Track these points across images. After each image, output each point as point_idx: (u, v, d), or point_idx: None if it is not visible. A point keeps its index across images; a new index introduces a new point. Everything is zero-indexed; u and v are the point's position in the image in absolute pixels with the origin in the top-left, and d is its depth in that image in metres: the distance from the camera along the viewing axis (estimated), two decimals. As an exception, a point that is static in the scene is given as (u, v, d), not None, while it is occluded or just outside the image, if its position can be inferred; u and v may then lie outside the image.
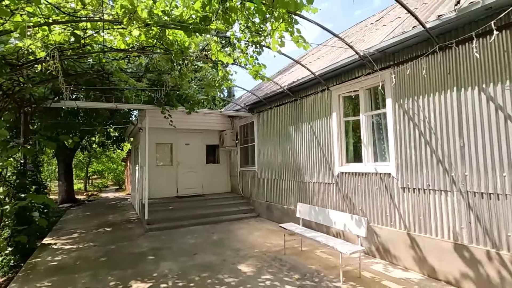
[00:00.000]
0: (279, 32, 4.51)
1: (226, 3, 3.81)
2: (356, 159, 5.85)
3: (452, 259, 4.00)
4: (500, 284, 3.50)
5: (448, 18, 3.82)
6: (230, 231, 7.28)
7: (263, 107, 8.93)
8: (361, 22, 9.36)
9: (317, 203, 6.52)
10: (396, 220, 4.82)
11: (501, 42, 3.59)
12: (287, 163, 7.71)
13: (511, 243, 3.46)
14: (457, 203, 4.00)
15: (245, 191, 10.12)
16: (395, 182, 4.85)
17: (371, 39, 5.79)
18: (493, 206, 3.64)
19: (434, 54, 4.29)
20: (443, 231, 4.16)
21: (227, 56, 5.45)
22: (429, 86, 4.37)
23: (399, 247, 4.73)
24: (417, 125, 4.53)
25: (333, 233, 5.94)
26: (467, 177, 3.90)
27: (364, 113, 5.56)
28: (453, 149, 4.06)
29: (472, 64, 3.87)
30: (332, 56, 6.89)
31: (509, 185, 3.49)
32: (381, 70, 5.06)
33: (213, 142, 11.06)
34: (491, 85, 3.67)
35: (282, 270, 4.67)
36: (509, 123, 3.51)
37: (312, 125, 6.82)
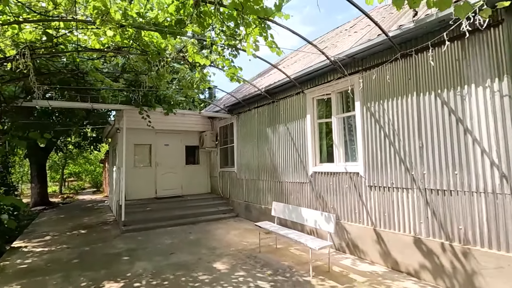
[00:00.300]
0: (254, 36, 4.67)
1: (200, 7, 3.93)
2: (329, 159, 6.11)
3: (412, 252, 4.30)
4: (452, 273, 3.82)
5: (407, 28, 4.13)
6: (208, 231, 7.35)
7: (242, 109, 9.08)
8: (337, 28, 9.73)
9: (293, 202, 6.73)
10: (364, 217, 5.10)
11: (453, 51, 3.93)
12: (265, 163, 7.88)
13: (462, 235, 3.79)
14: (416, 200, 4.31)
15: (224, 192, 10.20)
16: (363, 181, 5.12)
17: (343, 45, 6.08)
18: (446, 202, 3.96)
19: (397, 61, 4.60)
20: (404, 226, 4.45)
21: (204, 58, 5.55)
22: (393, 90, 4.68)
23: (366, 242, 5.00)
24: (382, 127, 4.83)
25: (307, 231, 6.16)
26: (425, 175, 4.21)
27: (335, 115, 5.83)
28: (413, 150, 4.37)
29: (429, 71, 4.20)
30: (307, 60, 7.15)
31: (460, 182, 3.81)
32: (351, 75, 5.34)
33: (193, 143, 11.07)
34: (445, 91, 4.01)
35: (255, 266, 4.81)
36: (460, 126, 3.84)
37: (288, 126, 7.03)
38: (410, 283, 4.06)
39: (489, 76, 3.57)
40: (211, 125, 11.03)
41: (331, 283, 4.11)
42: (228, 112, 9.75)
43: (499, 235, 3.45)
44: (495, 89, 3.52)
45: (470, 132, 3.74)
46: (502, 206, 3.43)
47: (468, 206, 3.74)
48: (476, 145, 3.67)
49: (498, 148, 3.48)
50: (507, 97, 3.42)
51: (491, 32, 3.58)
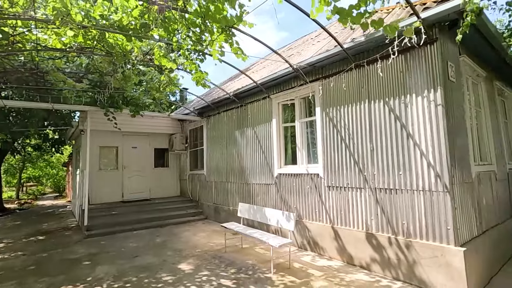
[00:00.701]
0: (219, 42, 4.84)
1: (165, 12, 4.03)
2: (293, 162, 6.41)
3: (364, 247, 4.67)
4: (397, 264, 4.21)
5: (359, 41, 4.53)
6: (175, 234, 7.34)
7: (212, 112, 9.18)
8: (305, 36, 10.18)
9: (260, 203, 6.94)
10: (323, 215, 5.42)
11: (398, 64, 4.37)
12: (233, 166, 8.04)
13: (405, 229, 4.20)
14: (368, 198, 4.70)
15: (194, 195, 10.20)
16: (322, 181, 5.46)
17: (306, 53, 6.44)
18: (393, 200, 4.37)
19: (351, 71, 5.00)
20: (358, 223, 4.82)
21: (171, 62, 5.61)
22: (348, 97, 5.06)
23: (325, 239, 5.32)
24: (339, 131, 5.20)
25: (272, 230, 6.39)
26: (375, 175, 4.61)
27: (299, 120, 6.14)
28: (365, 152, 4.76)
29: (378, 81, 4.62)
30: (274, 66, 7.43)
31: (403, 181, 4.24)
32: (312, 82, 5.69)
33: (162, 145, 10.95)
34: (392, 99, 4.44)
35: (220, 266, 4.93)
36: (403, 131, 4.27)
37: (255, 130, 7.26)
38: (361, 275, 4.40)
39: (426, 87, 4.03)
40: (181, 128, 10.98)
41: (290, 278, 4.35)
42: (198, 115, 9.80)
43: (434, 228, 3.89)
44: (431, 99, 3.98)
45: (411, 136, 4.18)
46: (436, 202, 3.88)
47: (409, 203, 4.16)
48: (417, 148, 4.11)
49: (433, 150, 3.93)
50: (440, 106, 3.89)
51: (427, 48, 4.04)
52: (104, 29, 4.10)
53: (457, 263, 3.59)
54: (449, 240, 3.73)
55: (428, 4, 3.97)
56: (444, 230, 3.78)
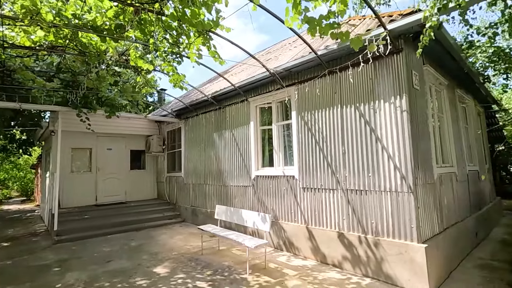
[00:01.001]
0: (196, 45, 4.88)
1: (141, 14, 4.01)
2: (270, 164, 6.53)
3: (336, 246, 4.86)
4: (366, 262, 4.43)
5: (332, 49, 4.73)
6: (151, 237, 7.22)
7: (190, 114, 9.13)
8: (284, 41, 10.39)
9: (237, 205, 6.99)
10: (298, 216, 5.57)
11: (368, 71, 4.61)
12: (211, 168, 8.04)
13: (374, 228, 4.43)
14: (340, 199, 4.90)
15: (171, 197, 10.06)
16: (297, 183, 5.61)
17: (284, 58, 6.60)
18: (363, 200, 4.59)
19: (325, 77, 5.21)
20: (331, 223, 5.01)
21: (147, 63, 5.57)
22: (322, 102, 5.26)
23: (300, 239, 5.47)
24: (314, 134, 5.38)
25: (249, 232, 6.47)
26: (347, 177, 4.82)
27: (276, 123, 6.28)
28: (338, 155, 4.97)
29: (350, 87, 4.84)
30: (252, 70, 7.53)
31: (372, 183, 4.47)
32: (288, 87, 5.84)
33: (139, 147, 10.72)
34: (362, 105, 4.67)
35: (196, 268, 4.93)
36: (373, 135, 4.51)
37: (233, 132, 7.32)
38: (334, 273, 4.58)
39: (393, 94, 4.30)
40: (158, 129, 10.81)
41: (265, 279, 4.44)
42: (176, 117, 9.71)
43: (400, 227, 4.13)
44: (397, 105, 4.24)
45: (380, 140, 4.42)
46: (401, 202, 4.13)
47: (378, 203, 4.40)
48: (384, 151, 4.36)
49: (399, 154, 4.19)
50: (405, 112, 4.15)
51: (394, 57, 4.31)
52: (77, 29, 4.01)
53: (419, 259, 3.84)
54: (413, 238, 3.98)
55: (394, 17, 4.25)
56: (408, 228, 4.04)
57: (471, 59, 7.28)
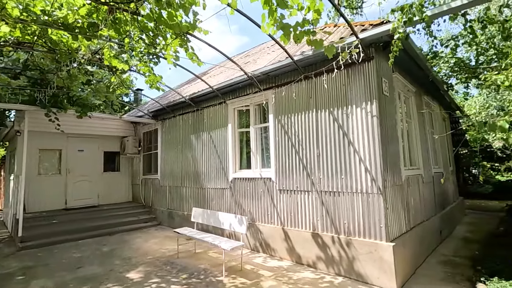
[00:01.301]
0: (174, 47, 4.84)
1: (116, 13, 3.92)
2: (248, 166, 6.57)
3: (311, 246, 4.98)
4: (339, 261, 4.58)
5: (307, 55, 4.88)
6: (125, 241, 7.01)
7: (167, 115, 8.98)
8: (263, 44, 10.51)
9: (214, 208, 6.97)
10: (275, 218, 5.66)
11: (341, 78, 4.80)
12: (188, 170, 7.96)
13: (346, 229, 4.60)
14: (315, 201, 5.04)
15: (147, 200, 9.82)
16: (274, 185, 5.70)
17: (262, 62, 6.69)
18: (336, 201, 4.75)
19: (301, 82, 5.35)
20: (306, 224, 5.14)
21: (123, 63, 5.43)
22: (298, 106, 5.40)
23: (276, 241, 5.56)
24: (290, 137, 5.50)
25: (227, 234, 6.46)
26: (321, 179, 4.97)
27: (253, 126, 6.35)
28: (313, 158, 5.11)
29: (325, 92, 5.01)
30: (231, 72, 7.57)
31: (345, 184, 4.64)
32: (265, 90, 5.93)
33: (113, 148, 10.37)
34: (336, 109, 4.85)
35: (171, 272, 4.86)
36: (345, 139, 4.69)
37: (211, 134, 7.30)
38: (308, 273, 4.70)
39: (364, 100, 4.50)
40: (134, 131, 10.53)
41: (241, 280, 4.47)
42: (153, 118, 9.51)
43: (370, 226, 4.33)
44: (368, 110, 4.45)
45: (352, 144, 4.61)
46: (372, 203, 4.32)
47: (350, 204, 4.57)
48: (356, 154, 4.55)
49: (370, 157, 4.39)
50: (375, 117, 4.37)
51: (365, 65, 4.52)
52: (46, 25, 3.84)
53: (387, 257, 4.04)
54: (382, 237, 4.19)
55: (366, 26, 4.46)
56: (378, 228, 4.24)
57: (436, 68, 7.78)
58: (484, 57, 7.24)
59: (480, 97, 9.06)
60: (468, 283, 4.23)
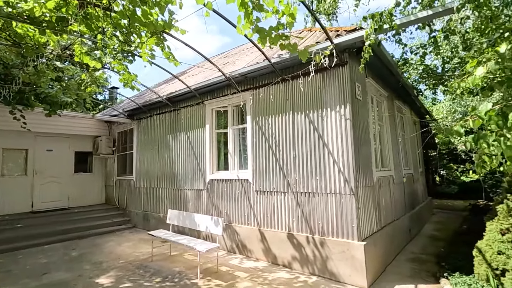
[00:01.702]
0: (149, 45, 4.73)
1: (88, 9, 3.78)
2: (225, 167, 6.55)
3: (286, 247, 5.05)
4: (313, 260, 4.67)
5: (284, 58, 4.95)
6: (96, 245, 6.74)
7: (143, 114, 8.76)
8: (243, 45, 10.52)
9: (191, 209, 6.87)
10: (251, 219, 5.67)
11: (317, 81, 4.91)
12: (165, 171, 7.80)
13: (320, 229, 4.70)
14: (290, 201, 5.11)
15: (121, 202, 9.50)
16: (251, 186, 5.72)
17: (240, 63, 6.70)
18: (311, 202, 4.85)
19: (278, 84, 5.41)
20: (282, 225, 5.20)
21: (95, 60, 5.24)
22: (276, 108, 5.46)
23: (253, 242, 5.57)
24: (267, 139, 5.54)
25: (203, 236, 6.40)
26: (297, 180, 5.05)
27: (231, 127, 6.33)
28: (289, 159, 5.19)
29: (301, 95, 5.10)
30: (210, 72, 7.52)
31: (319, 185, 4.75)
32: (243, 91, 5.95)
33: (85, 148, 9.95)
34: (311, 112, 4.95)
35: (144, 276, 4.74)
36: (320, 141, 4.80)
37: (188, 135, 7.20)
38: (283, 273, 4.75)
39: (338, 103, 4.63)
40: (108, 130, 10.17)
41: (216, 282, 4.44)
42: (128, 117, 9.23)
43: (343, 226, 4.45)
44: (342, 113, 4.58)
45: (327, 145, 4.72)
46: (344, 203, 4.45)
47: (324, 205, 4.68)
48: (330, 156, 4.66)
49: (343, 158, 4.52)
50: (348, 120, 4.50)
51: (339, 69, 4.66)
52: (10, 18, 3.63)
53: (359, 256, 4.18)
54: (354, 236, 4.32)
55: (340, 32, 4.60)
56: (350, 227, 4.37)
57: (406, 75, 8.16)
58: (449, 65, 7.71)
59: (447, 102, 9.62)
60: (433, 279, 4.46)
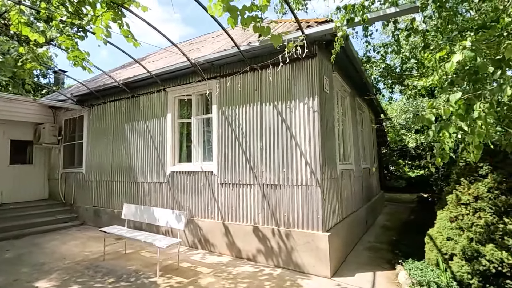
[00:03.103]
0: (105, 20, 4.24)
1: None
2: (188, 159, 6.22)
3: (251, 239, 4.95)
4: (278, 253, 4.64)
5: (254, 46, 4.79)
6: (37, 245, 5.97)
7: (96, 101, 7.96)
8: (208, 34, 10.12)
9: (149, 203, 6.42)
10: (215, 212, 5.47)
11: (286, 72, 4.85)
12: (120, 163, 7.18)
13: (286, 220, 4.67)
14: (257, 194, 5.01)
15: (68, 197, 8.58)
16: (216, 179, 5.50)
17: (206, 50, 6.38)
18: (277, 194, 4.80)
19: (246, 73, 5.25)
20: (247, 218, 5.08)
21: (37, 33, 4.55)
22: (243, 98, 5.29)
23: (216, 236, 5.38)
24: (234, 130, 5.36)
25: (162, 232, 6.03)
26: (263, 172, 4.96)
27: (195, 116, 6.01)
28: (256, 151, 5.07)
29: (269, 85, 5.00)
30: (173, 58, 7.05)
31: (286, 177, 4.71)
32: (209, 80, 5.67)
33: (24, 137, 8.78)
34: (280, 103, 4.88)
35: (95, 277, 4.28)
36: (288, 132, 4.76)
37: (148, 124, 6.70)
38: (248, 267, 4.65)
39: (307, 95, 4.62)
40: (53, 117, 9.08)
41: (177, 279, 4.18)
42: (78, 103, 8.32)
43: (308, 218, 4.47)
44: (310, 106, 4.58)
45: (294, 137, 4.69)
46: (310, 195, 4.47)
47: (290, 197, 4.66)
48: (298, 148, 4.65)
49: (310, 150, 4.53)
50: (316, 113, 4.52)
51: (309, 61, 4.64)
52: None
53: (323, 246, 4.23)
54: (319, 227, 4.37)
55: (311, 23, 4.57)
56: (316, 218, 4.40)
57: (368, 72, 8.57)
58: (407, 66, 8.27)
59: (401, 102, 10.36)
60: (389, 265, 4.71)
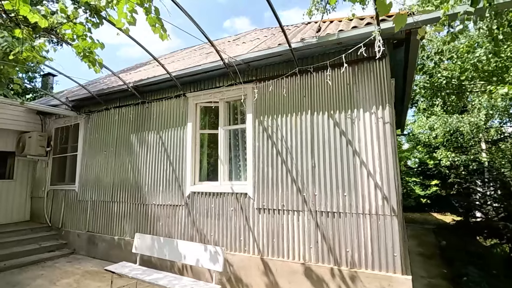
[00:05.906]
0: (130, 3, 3.36)
1: None
2: (212, 177, 5.22)
3: (300, 281, 3.96)
4: (340, 299, 3.67)
5: (310, 43, 3.98)
6: (16, 285, 4.68)
7: (96, 107, 6.85)
8: (220, 39, 9.32)
9: (161, 230, 5.31)
10: (250, 244, 4.45)
11: (346, 75, 4.05)
12: (125, 180, 6.05)
13: (349, 258, 3.74)
14: (307, 223, 4.06)
15: (55, 219, 7.24)
16: (251, 202, 4.52)
17: (236, 51, 5.53)
18: (336, 224, 3.87)
19: (294, 76, 4.41)
20: (294, 253, 4.10)
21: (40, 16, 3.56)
22: (288, 106, 4.43)
23: (252, 274, 4.34)
24: (275, 143, 4.45)
25: (178, 267, 4.91)
26: (316, 196, 4.04)
27: (223, 127, 5.07)
28: (305, 169, 4.16)
29: (324, 91, 4.18)
30: (191, 61, 6.17)
31: (348, 204, 3.81)
32: (245, 83, 4.79)
33: (5, 147, 7.48)
34: (337, 112, 4.04)
35: None
36: (349, 148, 3.90)
37: (161, 135, 5.67)
38: (300, 318, 3.63)
39: (374, 103, 3.82)
40: (41, 124, 7.85)
41: None
42: (74, 109, 7.17)
43: (380, 256, 3.56)
44: (379, 116, 3.77)
45: (358, 154, 3.84)
46: (383, 226, 3.58)
47: (355, 228, 3.75)
48: (363, 167, 3.78)
49: (381, 170, 3.67)
50: (388, 124, 3.71)
51: (377, 63, 3.87)
52: None
53: (406, 294, 3.31)
54: (396, 268, 3.46)
55: (383, 18, 3.82)
56: (391, 257, 3.50)
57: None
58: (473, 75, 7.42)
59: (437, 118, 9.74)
60: None
